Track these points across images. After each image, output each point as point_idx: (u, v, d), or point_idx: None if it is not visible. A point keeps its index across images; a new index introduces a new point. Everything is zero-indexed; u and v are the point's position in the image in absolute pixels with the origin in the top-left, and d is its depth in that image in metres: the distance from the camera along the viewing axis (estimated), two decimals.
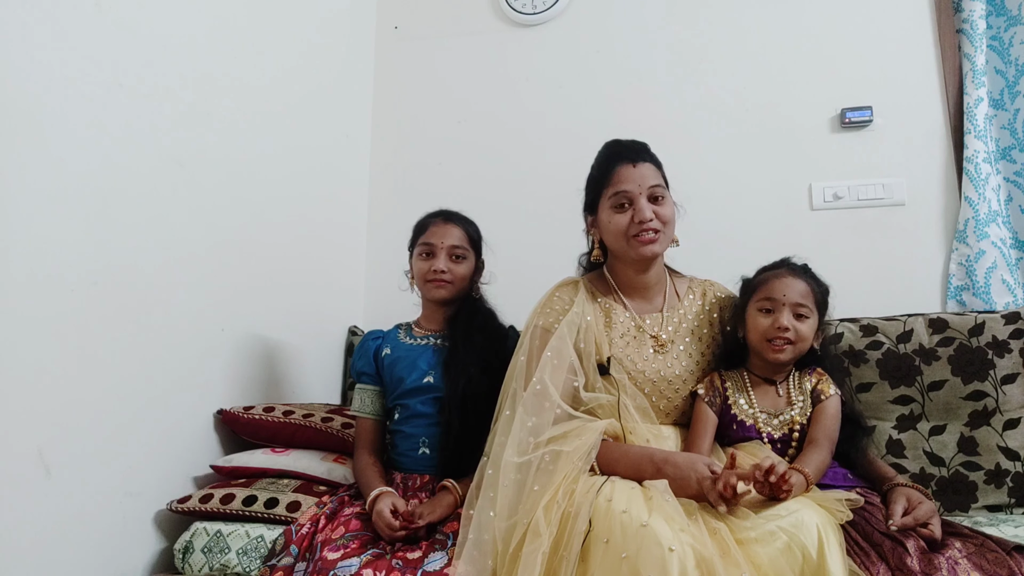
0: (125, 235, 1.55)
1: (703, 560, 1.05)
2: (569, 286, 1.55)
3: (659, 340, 1.50)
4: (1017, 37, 2.20)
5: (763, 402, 1.46)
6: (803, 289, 1.44)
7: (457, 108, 2.62)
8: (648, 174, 1.46)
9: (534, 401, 1.35)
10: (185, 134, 1.73)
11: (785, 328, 1.41)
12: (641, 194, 1.44)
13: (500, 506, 1.24)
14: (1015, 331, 1.82)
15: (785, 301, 1.42)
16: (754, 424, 1.43)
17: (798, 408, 1.43)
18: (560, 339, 1.42)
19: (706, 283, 1.62)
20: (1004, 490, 1.70)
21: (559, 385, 1.38)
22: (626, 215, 1.45)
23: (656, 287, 1.55)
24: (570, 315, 1.46)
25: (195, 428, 1.76)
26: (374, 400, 1.71)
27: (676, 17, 2.48)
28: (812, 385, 1.45)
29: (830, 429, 1.39)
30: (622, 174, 1.46)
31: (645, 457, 1.32)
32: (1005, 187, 2.18)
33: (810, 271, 1.49)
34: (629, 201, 1.44)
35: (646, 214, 1.42)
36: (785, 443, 1.42)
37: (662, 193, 1.46)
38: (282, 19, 2.17)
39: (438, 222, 1.72)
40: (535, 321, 1.49)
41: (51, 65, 1.39)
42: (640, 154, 1.49)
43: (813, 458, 1.32)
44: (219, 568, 1.50)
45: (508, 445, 1.30)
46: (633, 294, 1.54)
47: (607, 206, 1.47)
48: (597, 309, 1.51)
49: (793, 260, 1.50)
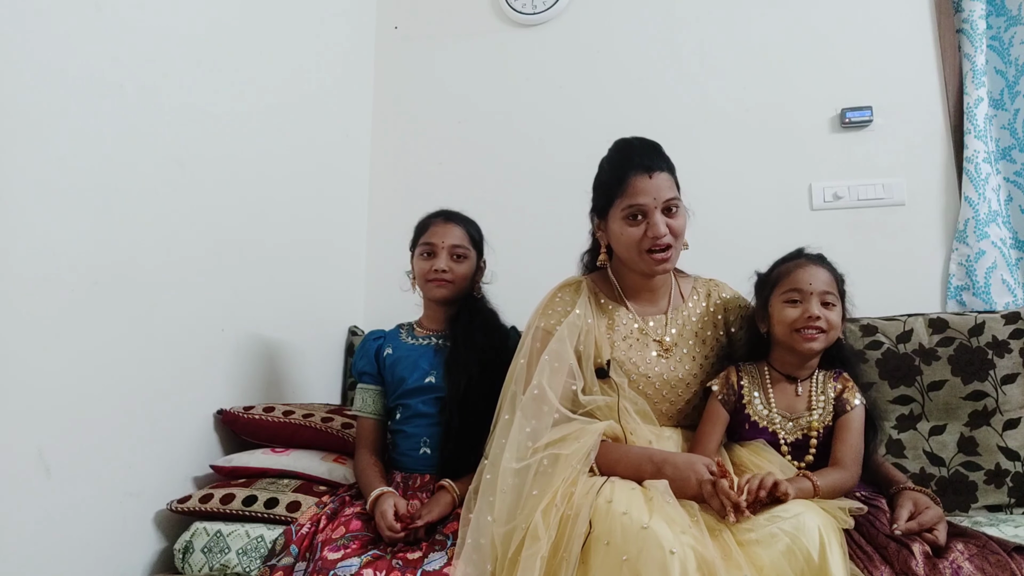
0: (125, 235, 1.55)
1: (704, 562, 1.05)
2: (571, 287, 1.54)
3: (663, 344, 1.48)
4: (1017, 37, 2.20)
5: (780, 402, 1.41)
6: (827, 278, 1.40)
7: (457, 108, 2.62)
8: (664, 186, 1.41)
9: (532, 405, 1.33)
10: (185, 134, 1.73)
11: (816, 317, 1.36)
12: (656, 208, 1.40)
13: (499, 511, 1.23)
14: (1015, 331, 1.82)
15: (812, 290, 1.38)
16: (767, 427, 1.40)
17: (817, 413, 1.38)
18: (560, 342, 1.40)
19: (711, 283, 1.60)
20: (1004, 490, 1.71)
21: (558, 389, 1.36)
22: (639, 228, 1.41)
23: (661, 289, 1.54)
24: (571, 317, 1.44)
25: (195, 428, 1.76)
26: (375, 400, 1.71)
27: (676, 17, 2.48)
28: (836, 392, 1.40)
29: (855, 448, 1.34)
30: (638, 186, 1.40)
31: (645, 457, 1.31)
32: (1005, 187, 2.18)
33: (827, 260, 1.46)
34: (643, 214, 1.41)
35: (660, 229, 1.39)
36: (800, 448, 1.37)
37: (676, 204, 1.43)
38: (282, 19, 2.17)
39: (439, 222, 1.72)
40: (536, 323, 1.48)
41: (51, 65, 1.39)
42: (655, 161, 1.44)
43: (833, 476, 1.29)
44: (219, 568, 1.50)
45: (507, 449, 1.29)
46: (637, 297, 1.53)
47: (619, 216, 1.43)
48: (599, 310, 1.49)
49: (807, 250, 1.47)
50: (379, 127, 2.68)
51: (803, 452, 1.37)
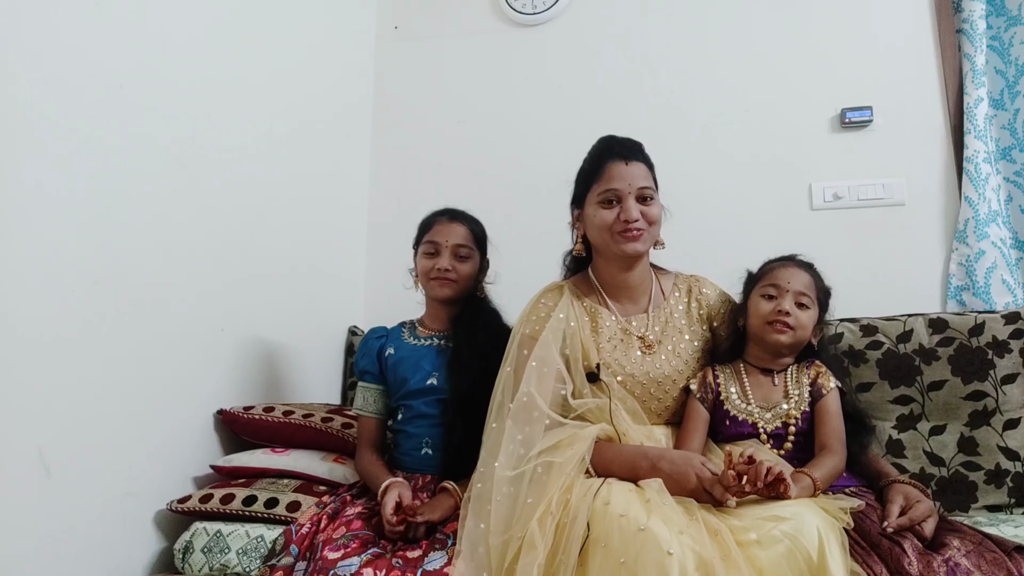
0: (125, 235, 1.55)
1: (703, 563, 1.04)
2: (554, 291, 1.54)
3: (646, 341, 1.49)
4: (1017, 37, 2.20)
5: (757, 393, 1.44)
6: (807, 280, 1.46)
7: (457, 108, 2.62)
8: (639, 174, 1.45)
9: (523, 413, 1.33)
10: (185, 135, 1.73)
11: (786, 312, 1.42)
12: (630, 193, 1.43)
13: (495, 520, 1.22)
14: (1015, 331, 1.82)
15: (789, 288, 1.44)
16: (746, 419, 1.42)
17: (794, 401, 1.41)
18: (545, 347, 1.41)
19: (691, 279, 1.60)
20: (1004, 490, 1.70)
21: (547, 394, 1.36)
22: (612, 211, 1.44)
23: (641, 287, 1.54)
24: (552, 320, 1.45)
25: (195, 428, 1.76)
26: (377, 399, 1.71)
27: (676, 17, 2.48)
28: (811, 378, 1.43)
29: (838, 430, 1.37)
30: (613, 171, 1.45)
31: (640, 454, 1.31)
32: (1005, 187, 2.18)
33: (815, 268, 1.50)
34: (617, 199, 1.44)
35: (633, 214, 1.42)
36: (779, 438, 1.39)
37: (651, 194, 1.46)
38: (282, 19, 2.17)
39: (443, 220, 1.71)
40: (521, 329, 1.48)
41: (51, 65, 1.39)
42: (633, 153, 1.48)
43: (826, 463, 1.30)
44: (219, 568, 1.50)
45: (500, 457, 1.28)
46: (618, 295, 1.53)
47: (595, 201, 1.46)
48: (583, 313, 1.50)
49: (800, 257, 1.51)
50: (379, 127, 2.68)
51: (783, 440, 1.39)
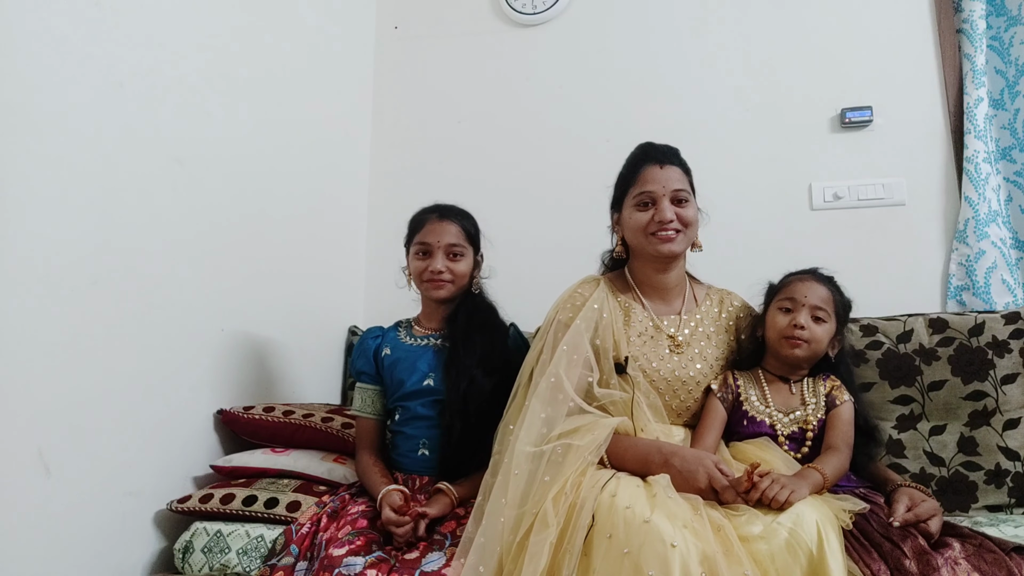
0: (125, 234, 1.55)
1: (706, 558, 1.06)
2: (591, 283, 1.57)
3: (676, 340, 1.52)
4: (1017, 37, 2.20)
5: (776, 398, 1.48)
6: (824, 294, 1.48)
7: (457, 108, 2.62)
8: (674, 177, 1.49)
9: (549, 393, 1.37)
10: (185, 133, 1.73)
11: (801, 327, 1.44)
12: (664, 195, 1.46)
13: (512, 494, 1.26)
14: (1015, 331, 1.82)
15: (805, 302, 1.46)
16: (765, 420, 1.45)
17: (811, 407, 1.45)
18: (576, 333, 1.44)
19: (723, 292, 1.64)
20: (1004, 490, 1.70)
21: (574, 379, 1.40)
22: (647, 213, 1.47)
23: (675, 289, 1.57)
24: (585, 310, 1.48)
25: (195, 428, 1.76)
26: (375, 400, 1.71)
27: (676, 17, 2.48)
28: (827, 390, 1.47)
29: (847, 435, 1.41)
30: (648, 175, 1.49)
31: (654, 448, 1.34)
32: (1005, 187, 2.18)
33: (835, 282, 1.53)
34: (652, 201, 1.47)
35: (667, 215, 1.45)
36: (798, 440, 1.43)
37: (686, 196, 1.49)
38: (282, 18, 2.17)
39: (433, 219, 1.67)
40: (555, 315, 1.51)
41: (51, 64, 1.39)
42: (669, 157, 1.52)
43: (832, 460, 1.35)
44: (219, 568, 1.50)
45: (521, 433, 1.32)
46: (652, 294, 1.56)
47: (631, 204, 1.50)
48: (616, 307, 1.52)
49: (821, 271, 1.53)
50: (379, 126, 2.68)
51: (799, 444, 1.43)
